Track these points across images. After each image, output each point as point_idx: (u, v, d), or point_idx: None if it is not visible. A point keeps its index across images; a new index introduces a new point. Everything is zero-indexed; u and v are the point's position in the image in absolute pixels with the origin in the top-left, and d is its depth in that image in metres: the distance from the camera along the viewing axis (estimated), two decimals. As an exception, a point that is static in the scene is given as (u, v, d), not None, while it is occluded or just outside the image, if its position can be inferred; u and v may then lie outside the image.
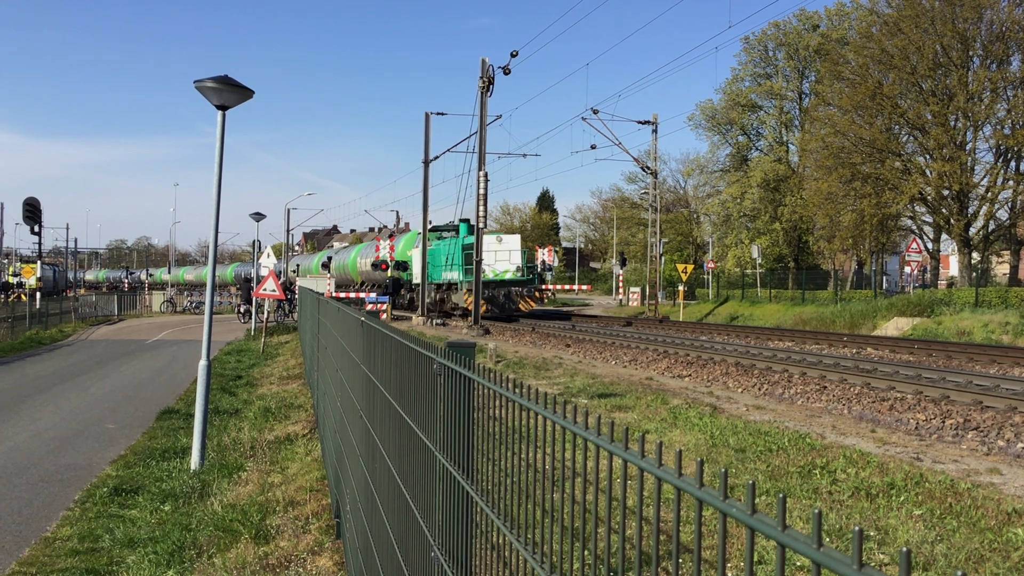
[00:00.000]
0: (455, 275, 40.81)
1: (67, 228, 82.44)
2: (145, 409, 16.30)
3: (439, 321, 37.42)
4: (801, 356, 20.58)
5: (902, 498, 6.97)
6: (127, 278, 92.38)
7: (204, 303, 13.40)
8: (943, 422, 11.24)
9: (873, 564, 4.64)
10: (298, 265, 69.57)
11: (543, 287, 42.76)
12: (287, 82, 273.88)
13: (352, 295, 44.14)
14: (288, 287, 43.17)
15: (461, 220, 42.86)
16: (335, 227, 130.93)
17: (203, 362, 11.63)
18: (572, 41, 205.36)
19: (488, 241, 37.34)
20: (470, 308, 35.30)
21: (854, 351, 23.28)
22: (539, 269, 43.86)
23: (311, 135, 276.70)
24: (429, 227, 43.49)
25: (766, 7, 54.14)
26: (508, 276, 39.66)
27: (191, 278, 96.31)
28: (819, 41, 56.76)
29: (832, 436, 9.92)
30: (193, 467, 10.98)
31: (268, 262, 34.21)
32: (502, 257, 39.76)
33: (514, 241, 40.82)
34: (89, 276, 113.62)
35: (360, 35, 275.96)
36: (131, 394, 18.75)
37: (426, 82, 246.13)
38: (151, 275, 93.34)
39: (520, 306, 39.78)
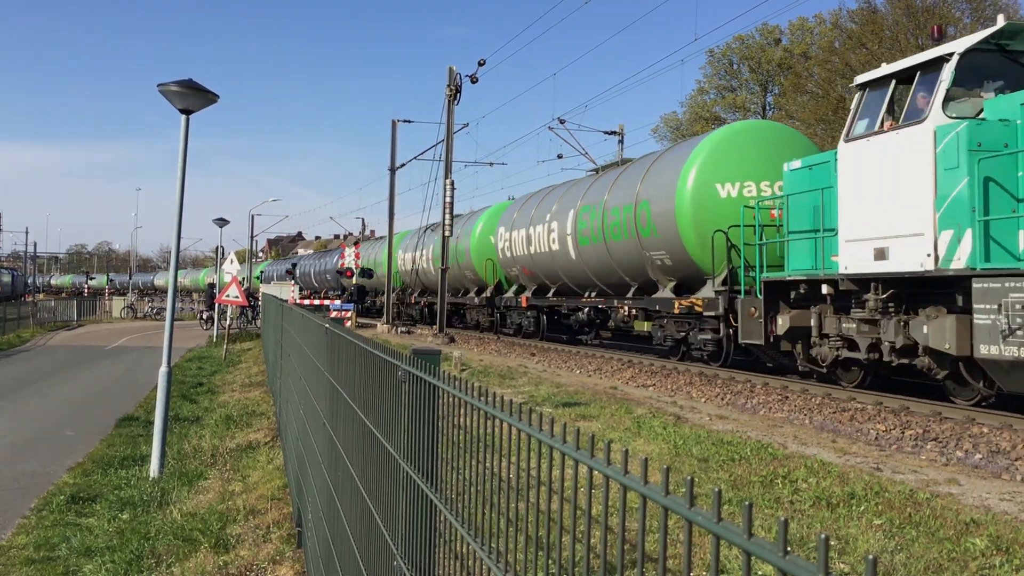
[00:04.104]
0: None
1: (27, 232, 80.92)
2: (104, 416, 16.06)
3: (403, 329, 37.00)
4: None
5: (862, 508, 7.03)
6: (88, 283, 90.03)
7: (165, 309, 13.26)
8: (903, 432, 11.36)
9: (835, 573, 4.67)
10: (262, 272, 69.03)
11: None
12: (254, 88, 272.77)
13: (316, 302, 43.71)
14: (251, 294, 42.79)
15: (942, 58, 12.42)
16: (300, 234, 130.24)
17: (163, 368, 11.48)
18: (539, 51, 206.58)
19: None
20: None
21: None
22: None
23: (277, 141, 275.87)
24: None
25: (730, 21, 54.78)
26: None
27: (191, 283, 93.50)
28: (782, 55, 57.42)
29: (794, 446, 9.99)
30: (152, 475, 10.83)
31: (231, 268, 33.91)
32: None
33: None
34: (92, 282, 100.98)
35: (328, 42, 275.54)
36: (90, 401, 18.49)
37: (394, 90, 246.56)
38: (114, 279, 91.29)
39: None
